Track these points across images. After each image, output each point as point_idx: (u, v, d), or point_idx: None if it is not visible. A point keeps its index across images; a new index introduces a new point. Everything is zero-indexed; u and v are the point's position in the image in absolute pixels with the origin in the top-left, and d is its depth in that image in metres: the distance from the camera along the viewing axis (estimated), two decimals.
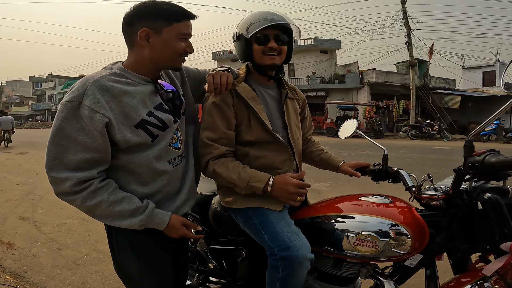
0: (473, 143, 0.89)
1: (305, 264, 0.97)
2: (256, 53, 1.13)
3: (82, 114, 0.85)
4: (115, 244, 1.03)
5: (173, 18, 0.94)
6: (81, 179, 0.87)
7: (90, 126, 0.86)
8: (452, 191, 0.95)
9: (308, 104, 1.41)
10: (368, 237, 0.99)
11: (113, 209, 0.91)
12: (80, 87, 0.87)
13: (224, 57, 25.54)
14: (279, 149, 1.14)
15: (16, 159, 8.24)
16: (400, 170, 1.19)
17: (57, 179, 0.87)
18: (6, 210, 3.79)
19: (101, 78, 0.90)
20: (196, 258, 1.55)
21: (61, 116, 0.86)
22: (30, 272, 2.28)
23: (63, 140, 0.86)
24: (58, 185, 0.88)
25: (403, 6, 17.55)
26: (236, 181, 1.06)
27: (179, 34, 0.95)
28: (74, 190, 0.87)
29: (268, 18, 1.10)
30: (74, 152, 0.87)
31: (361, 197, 1.13)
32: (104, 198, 0.90)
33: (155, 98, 0.99)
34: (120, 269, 1.06)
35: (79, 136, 0.86)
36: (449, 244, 1.00)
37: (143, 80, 0.98)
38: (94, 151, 0.88)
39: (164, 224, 0.97)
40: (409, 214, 1.02)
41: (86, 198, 0.89)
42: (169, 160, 1.01)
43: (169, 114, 1.00)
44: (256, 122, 1.12)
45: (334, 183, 4.87)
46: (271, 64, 1.13)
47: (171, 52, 0.96)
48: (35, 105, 40.84)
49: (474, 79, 22.30)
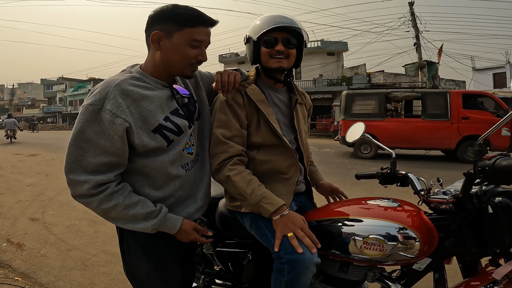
0: (483, 146, 0.88)
1: (311, 268, 0.96)
2: (263, 55, 1.13)
3: (103, 118, 0.86)
4: (126, 246, 1.04)
5: (186, 23, 0.91)
6: (98, 182, 0.88)
7: (111, 130, 0.86)
8: (462, 195, 0.94)
9: (315, 107, 1.42)
10: (375, 241, 0.98)
11: (128, 212, 0.92)
12: (102, 91, 0.88)
13: (230, 60, 25.69)
14: (285, 154, 1.14)
15: (27, 161, 8.41)
16: (409, 174, 1.17)
17: (76, 181, 0.88)
18: (17, 211, 3.87)
19: (122, 82, 0.90)
20: (202, 260, 1.55)
21: (83, 119, 0.87)
22: (39, 272, 2.32)
23: (83, 143, 0.87)
24: (76, 187, 0.89)
25: (411, 7, 17.38)
26: (248, 195, 1.02)
27: (190, 40, 0.92)
28: (91, 193, 0.88)
29: (276, 21, 1.09)
30: (93, 156, 0.87)
31: (369, 200, 1.12)
32: (120, 201, 0.91)
33: (171, 103, 1.00)
34: (129, 271, 1.07)
35: (99, 140, 0.87)
36: (458, 247, 0.98)
37: (160, 84, 0.98)
38: (113, 155, 0.89)
39: (176, 228, 0.98)
40: (417, 217, 1.01)
41: (103, 201, 0.89)
42: (182, 165, 1.02)
43: (185, 119, 1.01)
44: (265, 124, 1.12)
45: (341, 186, 4.80)
46: (277, 67, 1.13)
47: (179, 58, 0.94)
48: (46, 108, 41.73)
49: (485, 81, 21.88)
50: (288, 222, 0.99)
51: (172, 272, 1.07)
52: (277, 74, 1.18)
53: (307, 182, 1.26)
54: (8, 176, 6.20)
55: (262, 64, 1.16)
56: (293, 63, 1.16)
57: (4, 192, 4.82)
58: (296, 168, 1.15)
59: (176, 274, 1.09)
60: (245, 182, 1.03)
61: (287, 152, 1.14)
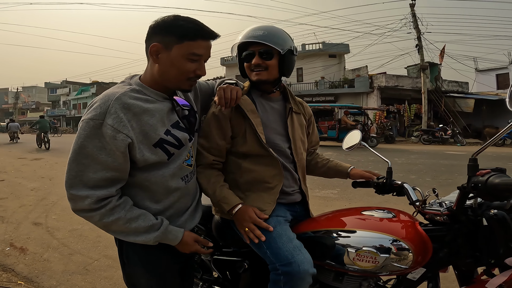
0: (477, 162, 0.89)
1: (307, 279, 0.97)
2: (246, 69, 1.17)
3: (104, 133, 0.84)
4: (126, 257, 1.04)
5: (186, 36, 0.89)
6: (100, 197, 0.87)
7: (112, 146, 0.85)
8: (456, 208, 0.94)
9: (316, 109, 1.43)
10: (368, 253, 0.99)
11: (129, 226, 0.91)
12: (102, 104, 0.86)
13: (232, 63, 25.73)
14: (271, 163, 1.15)
15: (31, 165, 8.48)
16: (404, 184, 1.17)
17: (77, 196, 0.87)
18: (20, 215, 3.90)
19: (122, 95, 0.88)
20: (201, 267, 1.56)
21: (83, 135, 0.85)
22: (41, 277, 2.34)
23: (84, 159, 0.86)
24: (77, 203, 0.88)
25: (412, 9, 17.35)
26: (211, 196, 1.15)
27: (189, 53, 0.90)
28: (92, 208, 0.88)
29: (247, 35, 1.10)
30: (94, 171, 0.86)
31: (364, 211, 1.13)
32: (121, 216, 0.90)
33: (172, 115, 0.99)
34: (129, 281, 1.08)
35: (101, 155, 0.85)
36: (453, 258, 0.99)
37: (161, 96, 0.97)
38: (114, 170, 0.88)
39: (177, 240, 0.99)
40: (411, 229, 1.01)
41: (104, 215, 0.89)
42: (182, 177, 1.03)
43: (185, 132, 1.00)
44: (252, 134, 1.14)
45: (342, 190, 4.81)
46: (256, 79, 1.13)
47: (176, 72, 0.92)
48: (50, 111, 42.01)
49: (488, 82, 21.74)
50: (241, 219, 1.09)
51: (172, 283, 1.08)
52: (264, 86, 1.19)
53: (302, 192, 1.27)
54: (12, 180, 6.26)
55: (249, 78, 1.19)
56: (275, 74, 1.15)
57: (7, 197, 4.87)
58: (280, 178, 1.16)
59: (175, 283, 1.09)
60: (209, 184, 1.13)
61: (272, 161, 1.15)
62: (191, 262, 1.26)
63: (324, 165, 1.39)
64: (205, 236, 1.48)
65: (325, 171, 1.40)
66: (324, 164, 1.39)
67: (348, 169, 1.33)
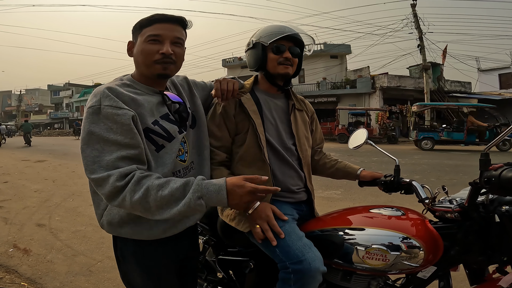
0: (489, 157, 0.87)
1: (317, 277, 0.95)
2: (271, 61, 1.17)
3: (105, 114, 0.86)
4: (120, 254, 1.04)
5: (143, 25, 0.97)
6: (122, 173, 0.84)
7: (118, 124, 0.86)
8: (468, 205, 0.93)
9: (318, 110, 1.43)
10: (377, 251, 0.97)
11: (163, 193, 0.83)
12: (96, 94, 0.91)
13: (234, 64, 25.80)
14: (262, 168, 1.14)
15: (34, 167, 8.52)
16: (413, 182, 1.15)
17: (100, 179, 0.84)
18: (23, 217, 3.91)
19: (112, 85, 0.93)
20: (205, 268, 1.55)
21: (87, 122, 0.87)
22: (45, 278, 2.34)
23: (96, 144, 0.86)
24: (103, 186, 0.84)
25: (413, 9, 17.32)
26: None
27: (147, 36, 0.95)
28: (119, 186, 0.83)
29: (286, 30, 1.15)
30: (109, 153, 0.86)
31: (372, 209, 1.11)
32: (150, 184, 0.84)
33: (162, 108, 1.01)
34: (125, 278, 1.08)
35: (110, 136, 0.86)
36: (464, 256, 0.97)
37: (151, 90, 1.00)
38: (128, 148, 0.87)
39: (222, 189, 0.85)
40: (422, 226, 0.99)
41: (134, 191, 0.83)
42: (174, 172, 1.01)
43: (174, 124, 1.01)
44: (253, 134, 1.15)
45: (346, 191, 4.79)
46: (284, 73, 1.17)
47: (142, 57, 0.96)
48: (53, 113, 42.28)
49: (491, 82, 21.64)
50: (257, 216, 1.03)
51: (169, 282, 1.06)
52: (280, 81, 1.21)
53: (308, 190, 1.25)
54: (15, 182, 6.28)
55: (267, 70, 1.18)
56: (294, 72, 1.21)
57: (11, 198, 4.88)
58: (270, 185, 1.14)
59: (173, 284, 1.08)
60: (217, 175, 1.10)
61: (263, 167, 1.14)
62: (193, 263, 1.23)
63: (333, 166, 1.37)
64: (210, 236, 1.47)
65: (333, 172, 1.37)
66: (333, 165, 1.37)
67: (358, 171, 1.31)
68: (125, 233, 0.97)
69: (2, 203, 4.60)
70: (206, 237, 1.50)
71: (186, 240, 1.09)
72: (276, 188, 0.91)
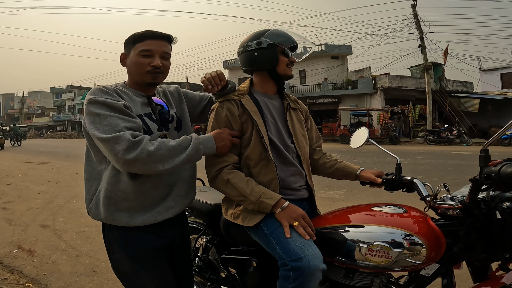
0: (489, 153, 0.88)
1: (317, 275, 0.96)
2: (282, 63, 1.23)
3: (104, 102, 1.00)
4: (108, 243, 1.11)
5: (136, 40, 1.10)
6: (134, 133, 0.97)
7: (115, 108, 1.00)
8: (469, 201, 0.93)
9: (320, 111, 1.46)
10: (380, 248, 0.98)
11: (173, 144, 1.01)
12: (93, 91, 1.05)
13: (235, 65, 25.84)
14: (268, 166, 1.16)
15: (38, 169, 8.57)
16: (414, 179, 1.16)
17: (116, 136, 0.95)
18: (27, 218, 3.93)
19: (102, 87, 1.07)
20: (208, 267, 1.56)
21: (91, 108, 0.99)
22: (49, 278, 2.35)
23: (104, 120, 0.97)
24: (120, 142, 0.94)
25: (413, 9, 17.31)
26: (248, 194, 1.09)
27: (140, 51, 1.09)
28: (134, 141, 0.95)
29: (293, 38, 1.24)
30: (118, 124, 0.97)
31: (374, 207, 1.11)
32: (159, 141, 1.00)
33: (147, 108, 1.14)
34: (115, 268, 1.12)
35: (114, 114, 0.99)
36: (467, 253, 0.97)
37: (138, 94, 1.14)
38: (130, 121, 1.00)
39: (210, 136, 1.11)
40: (424, 223, 1.00)
41: (148, 145, 0.97)
42: None
43: (155, 123, 1.12)
44: (257, 135, 1.17)
45: (348, 191, 4.79)
46: (291, 75, 1.27)
47: (136, 68, 1.11)
48: (56, 116, 42.44)
49: (493, 81, 21.55)
50: (291, 212, 1.06)
51: (158, 269, 1.10)
52: (284, 81, 1.29)
53: (309, 187, 1.27)
54: (19, 184, 6.32)
55: (276, 71, 1.23)
56: None
57: (15, 200, 4.92)
58: (277, 183, 1.16)
59: (164, 272, 1.12)
60: (244, 182, 1.11)
61: (268, 165, 1.16)
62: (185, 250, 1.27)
63: (332, 165, 1.38)
64: (213, 235, 1.48)
65: (333, 172, 1.38)
66: (333, 165, 1.38)
67: (357, 170, 1.32)
68: (106, 218, 1.06)
69: (6, 204, 4.64)
70: (209, 237, 1.51)
71: (172, 226, 1.17)
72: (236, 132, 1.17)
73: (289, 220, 1.05)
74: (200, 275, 1.61)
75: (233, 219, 1.19)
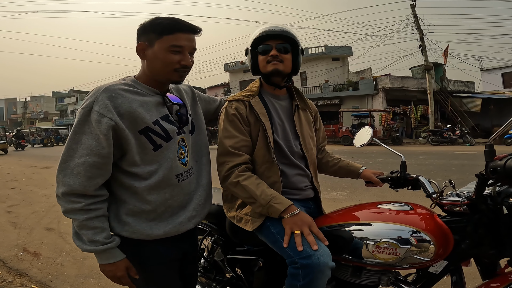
0: (493, 147, 0.88)
1: (326, 272, 0.96)
2: (260, 63, 1.20)
3: (91, 119, 0.91)
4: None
5: (164, 31, 0.96)
6: (74, 191, 0.92)
7: (97, 130, 0.91)
8: (476, 197, 0.93)
9: (322, 113, 1.45)
10: (388, 245, 0.97)
11: (81, 225, 0.94)
12: (93, 95, 0.94)
13: (236, 68, 25.86)
14: (271, 169, 1.16)
15: (41, 173, 8.61)
16: (420, 177, 1.17)
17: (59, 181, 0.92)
18: (32, 221, 3.95)
19: (111, 86, 0.96)
20: (214, 268, 1.55)
21: (76, 122, 0.93)
22: (55, 281, 2.36)
23: (74, 144, 0.92)
24: (58, 187, 0.93)
25: (413, 9, 17.32)
26: (258, 197, 1.07)
27: (169, 46, 0.96)
28: (73, 207, 0.93)
29: (267, 30, 1.18)
30: (79, 156, 0.91)
31: (380, 204, 1.11)
32: (79, 218, 0.93)
33: (163, 109, 1.03)
34: None
35: (87, 140, 0.91)
36: (475, 249, 0.97)
37: (152, 91, 1.03)
38: (97, 156, 0.91)
39: (110, 259, 0.99)
40: (431, 220, 1.00)
41: (69, 211, 0.93)
42: (176, 174, 1.04)
43: (174, 125, 1.04)
44: (263, 137, 1.17)
45: (352, 192, 4.76)
46: (273, 69, 1.17)
47: (161, 64, 0.98)
48: (59, 121, 42.59)
49: (494, 81, 21.46)
50: (298, 220, 1.03)
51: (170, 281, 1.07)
52: (276, 79, 1.22)
53: (314, 188, 1.27)
54: (23, 188, 6.35)
55: (261, 73, 1.22)
56: (289, 68, 1.21)
57: (19, 203, 4.94)
58: (279, 186, 1.16)
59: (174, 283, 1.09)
60: (254, 185, 1.09)
61: (272, 167, 1.16)
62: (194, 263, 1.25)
63: (335, 164, 1.39)
64: (219, 235, 1.48)
65: (335, 170, 1.39)
66: (335, 163, 1.39)
67: (360, 169, 1.33)
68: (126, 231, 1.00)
69: (11, 208, 4.66)
70: (214, 237, 1.51)
71: (184, 240, 1.11)
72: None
73: (292, 228, 1.01)
74: (205, 276, 1.60)
75: (235, 222, 1.19)
